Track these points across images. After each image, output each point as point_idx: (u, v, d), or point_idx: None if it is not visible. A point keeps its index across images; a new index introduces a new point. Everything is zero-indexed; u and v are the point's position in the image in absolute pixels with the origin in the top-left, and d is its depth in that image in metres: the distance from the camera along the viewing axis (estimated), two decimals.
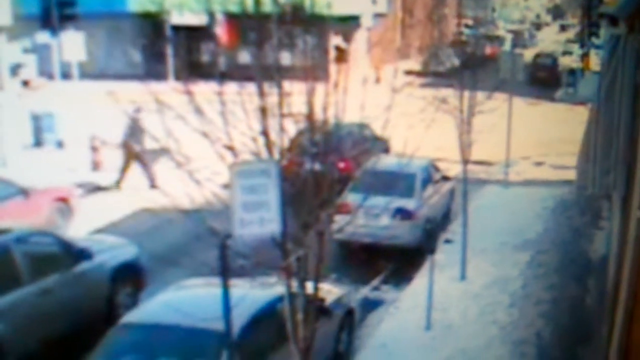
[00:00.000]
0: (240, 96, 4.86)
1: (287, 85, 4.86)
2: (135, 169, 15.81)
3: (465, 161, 10.22)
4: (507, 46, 38.94)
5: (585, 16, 33.43)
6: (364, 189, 9.50)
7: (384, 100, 5.35)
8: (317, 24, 5.10)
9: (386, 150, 15.41)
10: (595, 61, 27.66)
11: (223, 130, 4.84)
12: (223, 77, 5.02)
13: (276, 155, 4.87)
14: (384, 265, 11.34)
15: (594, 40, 28.91)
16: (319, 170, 5.02)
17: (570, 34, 60.89)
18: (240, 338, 5.99)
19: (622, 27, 7.29)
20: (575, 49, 38.57)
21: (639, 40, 6.71)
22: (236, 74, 5.04)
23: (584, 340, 8.59)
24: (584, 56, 31.36)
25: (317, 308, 5.26)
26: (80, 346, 7.05)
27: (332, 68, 5.26)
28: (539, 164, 18.96)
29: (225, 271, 4.94)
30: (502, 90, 12.72)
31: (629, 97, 7.11)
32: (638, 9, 6.54)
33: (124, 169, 15.27)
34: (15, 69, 28.66)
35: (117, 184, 15.15)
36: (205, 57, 27.61)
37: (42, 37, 20.78)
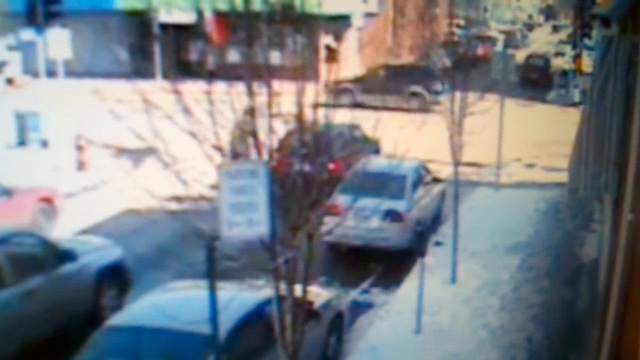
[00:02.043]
0: (229, 96, 4.78)
1: (276, 84, 4.79)
2: (122, 167, 15.67)
3: (457, 163, 10.17)
4: (499, 47, 39.06)
5: (577, 17, 33.55)
6: (354, 190, 9.44)
7: None
8: (308, 23, 5.05)
9: (377, 151, 15.37)
10: (587, 62, 27.75)
11: (211, 130, 4.75)
12: (212, 76, 4.94)
13: (265, 156, 4.79)
14: (374, 267, 11.27)
15: (587, 41, 28.99)
16: (309, 171, 4.94)
17: (563, 35, 61.07)
18: (227, 341, 5.91)
19: (615, 29, 7.25)
20: (568, 50, 38.71)
21: (631, 42, 6.66)
22: (225, 73, 4.96)
23: (575, 345, 8.54)
24: (576, 57, 31.45)
25: (305, 311, 5.19)
26: (64, 349, 6.92)
27: (323, 68, 5.18)
28: (530, 165, 18.96)
29: (213, 273, 4.86)
30: (493, 91, 12.70)
31: (621, 99, 7.08)
32: (630, 10, 6.51)
33: None
34: None
35: None
36: (193, 56, 27.38)
37: (27, 34, 20.54)
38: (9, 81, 28.15)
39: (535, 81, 35.04)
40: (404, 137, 7.27)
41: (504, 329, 8.95)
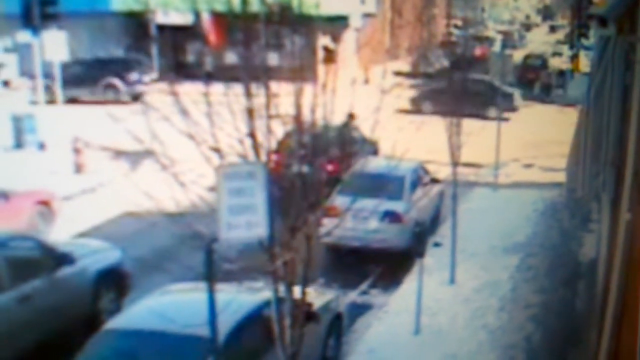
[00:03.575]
0: (227, 97, 4.76)
1: (274, 86, 4.78)
2: (120, 168, 15.64)
3: (455, 163, 10.16)
4: (496, 47, 39.12)
5: (575, 17, 33.70)
6: (353, 191, 9.41)
7: (373, 101, 5.27)
8: (305, 24, 5.03)
9: (375, 152, 15.35)
10: (584, 62, 27.83)
11: (209, 131, 4.74)
12: (209, 77, 4.93)
13: (263, 158, 4.78)
14: (373, 269, 11.25)
15: (584, 41, 29.15)
16: (307, 172, 4.93)
17: (560, 35, 61.19)
18: (226, 344, 5.89)
19: (612, 29, 7.26)
20: (565, 50, 38.81)
21: (628, 42, 6.67)
22: (223, 74, 4.94)
23: (574, 345, 8.53)
24: (574, 57, 31.64)
25: (304, 313, 5.18)
26: (62, 353, 6.89)
27: (320, 69, 5.17)
28: (528, 166, 18.97)
29: (211, 276, 4.84)
30: None
31: (619, 99, 7.09)
32: (627, 10, 6.51)
33: None
34: None
35: None
36: (191, 57, 27.43)
37: (24, 36, 20.49)
38: (5, 83, 28.08)
39: (533, 81, 35.07)
40: (403, 138, 7.28)
41: (503, 330, 8.94)
